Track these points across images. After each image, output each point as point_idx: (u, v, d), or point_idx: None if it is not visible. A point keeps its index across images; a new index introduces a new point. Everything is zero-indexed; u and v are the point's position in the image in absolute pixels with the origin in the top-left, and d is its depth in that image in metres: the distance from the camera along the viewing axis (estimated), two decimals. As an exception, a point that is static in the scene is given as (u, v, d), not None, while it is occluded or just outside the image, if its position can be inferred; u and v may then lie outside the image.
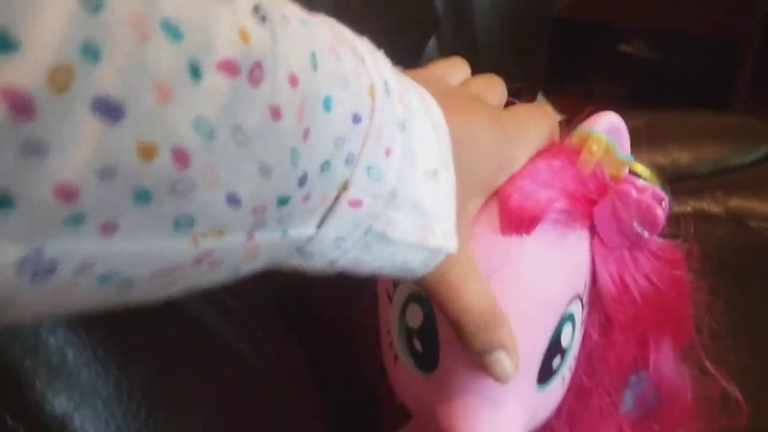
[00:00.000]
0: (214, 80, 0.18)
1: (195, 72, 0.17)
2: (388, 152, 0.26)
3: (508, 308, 0.33)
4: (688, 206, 0.77)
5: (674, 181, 0.80)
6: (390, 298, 0.38)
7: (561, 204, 0.35)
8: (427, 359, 0.37)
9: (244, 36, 0.19)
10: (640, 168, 0.38)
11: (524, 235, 0.35)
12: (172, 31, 0.17)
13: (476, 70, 0.40)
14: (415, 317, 0.37)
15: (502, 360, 0.33)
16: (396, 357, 0.38)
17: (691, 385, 0.43)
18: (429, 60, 0.65)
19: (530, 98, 0.91)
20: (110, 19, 0.15)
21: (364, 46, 0.27)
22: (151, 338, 0.34)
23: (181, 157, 0.18)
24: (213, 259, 0.21)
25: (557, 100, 1.02)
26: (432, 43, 0.66)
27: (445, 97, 0.31)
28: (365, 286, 0.42)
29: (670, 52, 1.93)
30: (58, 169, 0.16)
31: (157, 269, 0.20)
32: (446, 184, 0.29)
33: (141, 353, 0.34)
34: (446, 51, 0.67)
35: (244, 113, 0.19)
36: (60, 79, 0.15)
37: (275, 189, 0.22)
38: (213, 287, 0.24)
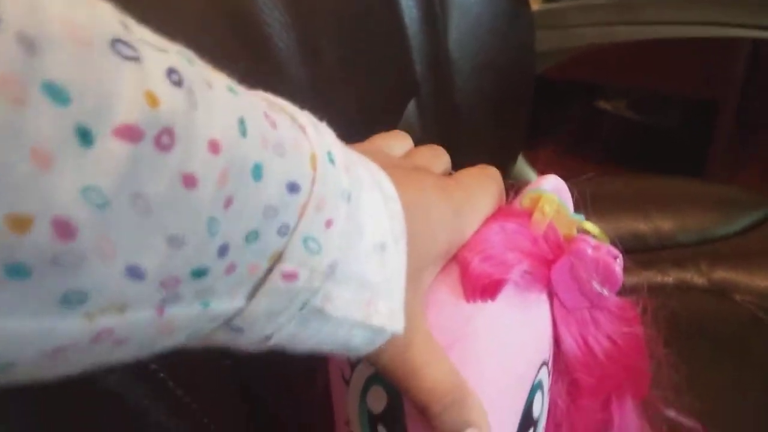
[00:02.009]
0: (109, 147, 0.17)
1: (85, 138, 0.16)
2: (329, 223, 0.24)
3: (476, 380, 0.31)
4: (671, 277, 0.74)
5: (656, 249, 0.78)
6: (346, 382, 0.35)
7: (523, 266, 0.34)
8: (395, 446, 0.34)
9: (152, 100, 0.18)
10: (589, 226, 0.37)
11: (488, 301, 0.33)
12: (57, 95, 0.16)
13: (456, 132, 0.38)
14: (378, 401, 0.34)
15: None
16: (358, 447, 0.35)
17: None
18: (408, 122, 0.64)
19: (512, 158, 0.90)
20: None
21: (305, 117, 0.26)
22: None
23: (64, 228, 0.16)
24: (116, 337, 0.20)
25: (533, 155, 1.02)
26: (411, 105, 0.65)
27: (393, 169, 0.30)
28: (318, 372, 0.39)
29: (648, 110, 1.95)
30: None
31: (45, 350, 0.18)
32: (396, 259, 0.28)
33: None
34: (426, 113, 0.66)
35: (147, 181, 0.18)
36: None
37: (189, 260, 0.20)
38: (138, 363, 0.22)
